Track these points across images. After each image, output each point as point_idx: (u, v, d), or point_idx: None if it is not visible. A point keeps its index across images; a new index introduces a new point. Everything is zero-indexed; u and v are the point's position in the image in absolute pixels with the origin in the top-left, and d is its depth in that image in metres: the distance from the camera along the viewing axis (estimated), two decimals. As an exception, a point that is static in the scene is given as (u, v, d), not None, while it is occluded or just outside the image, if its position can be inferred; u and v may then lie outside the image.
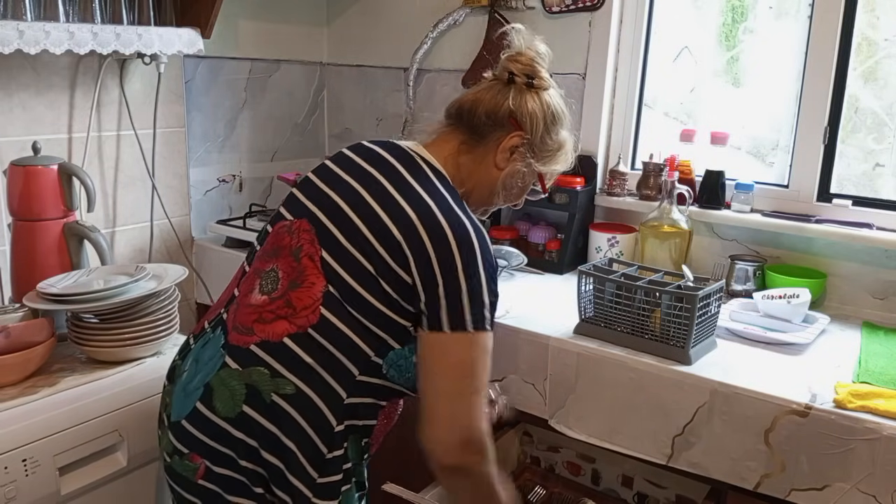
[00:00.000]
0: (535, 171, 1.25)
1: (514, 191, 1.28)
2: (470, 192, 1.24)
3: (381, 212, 1.11)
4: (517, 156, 1.22)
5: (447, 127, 1.25)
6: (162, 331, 1.56)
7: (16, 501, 1.28)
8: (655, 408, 1.38)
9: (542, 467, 1.69)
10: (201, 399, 1.12)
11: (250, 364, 1.10)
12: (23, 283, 1.59)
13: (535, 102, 1.22)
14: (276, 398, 1.08)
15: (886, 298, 1.70)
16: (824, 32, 1.74)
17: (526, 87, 1.22)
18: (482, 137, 1.22)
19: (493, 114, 1.21)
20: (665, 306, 1.39)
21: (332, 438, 1.10)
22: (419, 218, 1.10)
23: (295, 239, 1.16)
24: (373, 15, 2.42)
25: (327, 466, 1.10)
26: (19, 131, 1.76)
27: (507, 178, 1.24)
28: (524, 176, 1.25)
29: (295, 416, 1.08)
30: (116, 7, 1.78)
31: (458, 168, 1.22)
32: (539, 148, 1.23)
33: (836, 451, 1.21)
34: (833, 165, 1.79)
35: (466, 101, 1.24)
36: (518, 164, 1.23)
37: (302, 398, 1.08)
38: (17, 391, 1.39)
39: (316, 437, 1.09)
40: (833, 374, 1.35)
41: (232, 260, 2.07)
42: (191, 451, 1.13)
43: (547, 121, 1.22)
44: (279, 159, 2.46)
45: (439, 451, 1.08)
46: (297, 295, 1.12)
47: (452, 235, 1.09)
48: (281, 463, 1.10)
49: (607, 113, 2.05)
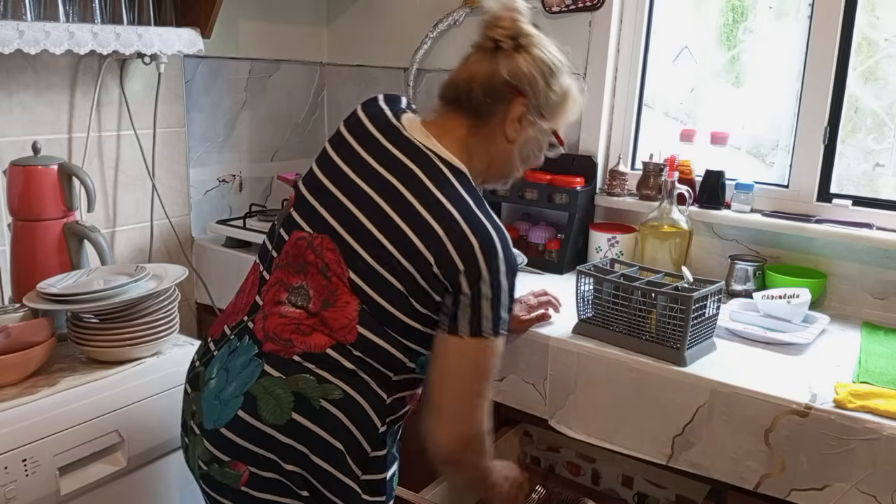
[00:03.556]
0: (547, 130, 1.22)
1: (532, 156, 1.25)
2: (487, 172, 1.23)
3: (406, 228, 1.10)
4: (525, 123, 1.18)
5: (448, 112, 1.20)
6: (162, 331, 1.56)
7: (16, 501, 1.28)
8: (655, 408, 1.38)
9: (542, 467, 1.69)
10: (243, 407, 1.11)
11: (295, 372, 1.11)
12: (23, 283, 1.59)
13: (528, 62, 1.16)
14: (325, 403, 1.10)
15: (886, 298, 1.70)
16: (824, 32, 1.74)
17: (514, 50, 1.16)
18: (486, 117, 1.18)
19: (490, 89, 1.16)
20: (661, 307, 1.39)
21: (376, 438, 1.13)
22: (445, 232, 1.08)
23: (320, 258, 1.14)
24: (373, 15, 2.42)
25: (372, 464, 1.14)
26: (19, 131, 1.76)
27: (522, 148, 1.22)
28: (538, 139, 1.22)
29: (343, 419, 1.11)
30: (116, 7, 1.78)
31: (472, 157, 1.19)
32: (545, 106, 1.19)
33: (836, 451, 1.21)
34: (833, 165, 1.79)
35: (461, 81, 1.19)
36: (528, 130, 1.19)
37: (349, 401, 1.11)
38: (17, 391, 1.39)
39: (362, 437, 1.12)
40: (833, 374, 1.35)
41: (232, 260, 2.07)
42: (232, 458, 1.12)
43: (546, 76, 1.17)
44: (279, 159, 2.46)
45: (440, 444, 1.12)
46: (331, 315, 1.12)
47: (479, 247, 1.08)
48: (331, 466, 1.12)
49: (607, 113, 2.05)
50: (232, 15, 2.18)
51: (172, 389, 1.54)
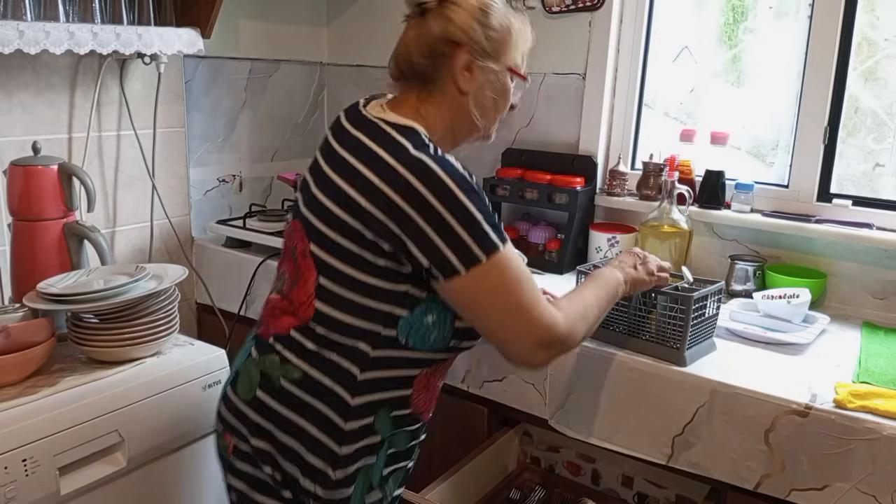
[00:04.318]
0: (501, 70, 1.19)
1: (491, 102, 1.21)
2: (454, 132, 1.21)
3: (352, 190, 1.09)
4: (475, 70, 1.16)
5: (400, 87, 1.21)
6: (162, 331, 1.56)
7: (16, 501, 1.28)
8: (655, 408, 1.38)
9: (542, 467, 1.69)
10: (230, 383, 1.23)
11: (265, 353, 1.17)
12: (23, 283, 1.59)
13: (457, 12, 1.16)
14: (285, 382, 1.14)
15: (886, 298, 1.70)
16: (824, 32, 1.74)
17: (440, 7, 1.16)
18: (434, 79, 1.17)
19: (428, 51, 1.16)
20: (661, 308, 1.39)
21: (347, 412, 1.12)
22: (375, 173, 1.07)
23: (292, 240, 1.19)
24: (373, 15, 2.42)
25: (348, 437, 1.12)
26: (19, 131, 1.76)
27: (478, 95, 1.18)
28: (493, 83, 1.19)
29: (305, 398, 1.13)
30: (116, 7, 1.78)
31: (427, 119, 1.17)
32: (489, 48, 1.16)
33: (836, 451, 1.21)
34: (833, 165, 1.79)
35: (399, 56, 1.20)
36: (479, 76, 1.17)
37: (310, 382, 1.12)
38: (17, 391, 1.39)
39: (331, 412, 1.12)
40: (833, 374, 1.35)
41: (232, 260, 2.07)
42: (224, 429, 1.23)
43: (479, 19, 1.15)
44: (279, 159, 2.46)
45: (531, 365, 1.12)
46: (295, 293, 1.16)
47: (410, 173, 1.05)
48: (296, 443, 1.13)
49: (607, 113, 2.05)
50: (232, 15, 2.18)
51: (172, 389, 1.54)
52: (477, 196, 1.07)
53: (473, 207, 1.05)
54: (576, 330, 1.13)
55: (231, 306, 2.09)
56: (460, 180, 1.06)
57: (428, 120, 1.17)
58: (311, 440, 1.12)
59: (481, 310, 1.08)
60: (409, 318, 1.11)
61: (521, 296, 1.07)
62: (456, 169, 1.07)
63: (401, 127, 1.13)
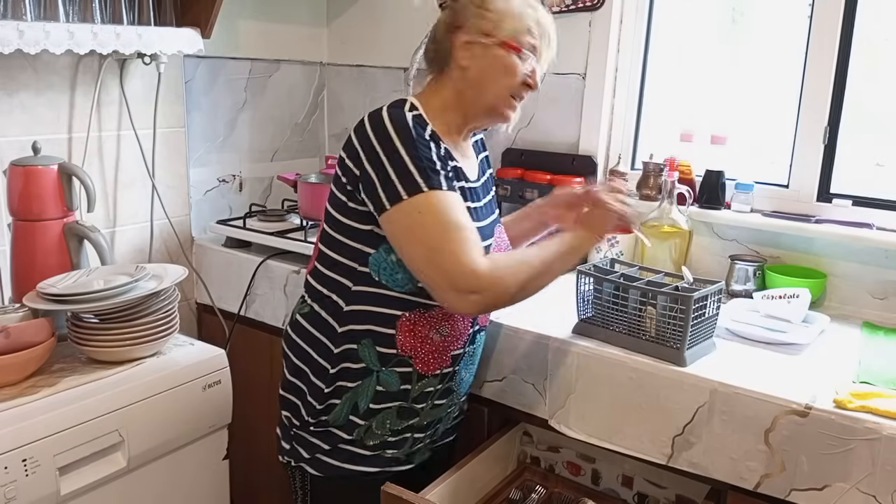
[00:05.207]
0: (499, 43, 1.28)
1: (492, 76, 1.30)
2: (462, 108, 1.33)
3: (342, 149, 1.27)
4: (474, 46, 1.29)
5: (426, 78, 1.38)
6: (162, 331, 1.56)
7: (16, 501, 1.28)
8: (655, 408, 1.38)
9: (542, 467, 1.69)
10: None
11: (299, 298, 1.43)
12: (23, 283, 1.59)
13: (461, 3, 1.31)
14: (298, 316, 1.39)
15: (886, 298, 1.70)
16: (824, 32, 1.74)
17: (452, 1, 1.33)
18: (442, 61, 1.33)
19: (435, 38, 1.34)
20: (661, 307, 1.39)
21: (335, 337, 1.32)
22: (353, 130, 1.25)
23: None
24: (373, 15, 2.42)
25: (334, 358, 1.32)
26: (19, 131, 1.76)
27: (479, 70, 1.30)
28: (493, 57, 1.29)
29: (308, 327, 1.36)
30: (116, 7, 1.78)
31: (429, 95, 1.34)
32: (483, 26, 1.29)
33: (836, 451, 1.21)
34: (833, 165, 1.79)
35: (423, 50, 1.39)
36: (477, 52, 1.29)
37: (313, 314, 1.35)
38: (17, 391, 1.39)
39: (324, 338, 1.33)
40: (833, 374, 1.35)
41: (232, 260, 2.07)
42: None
43: (475, 4, 1.30)
44: (279, 159, 2.46)
45: (457, 306, 1.21)
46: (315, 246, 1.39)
47: (368, 124, 1.22)
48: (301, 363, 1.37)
49: (607, 113, 2.05)
50: (232, 15, 2.18)
51: (172, 389, 1.55)
52: (413, 144, 1.20)
53: (404, 152, 1.19)
54: (503, 279, 1.20)
55: (231, 306, 2.09)
56: (400, 129, 1.20)
57: (429, 96, 1.34)
58: (311, 359, 1.35)
59: (404, 247, 1.21)
60: (376, 255, 1.27)
61: (439, 238, 1.18)
62: (404, 122, 1.21)
63: (396, 100, 1.30)
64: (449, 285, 1.18)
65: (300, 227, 2.07)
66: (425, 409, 1.37)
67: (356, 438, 1.34)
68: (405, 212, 1.18)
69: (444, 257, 1.17)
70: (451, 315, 1.32)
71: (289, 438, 1.39)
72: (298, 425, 1.37)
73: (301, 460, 1.38)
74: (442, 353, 1.34)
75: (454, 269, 1.16)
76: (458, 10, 1.31)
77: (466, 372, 1.43)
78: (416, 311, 1.29)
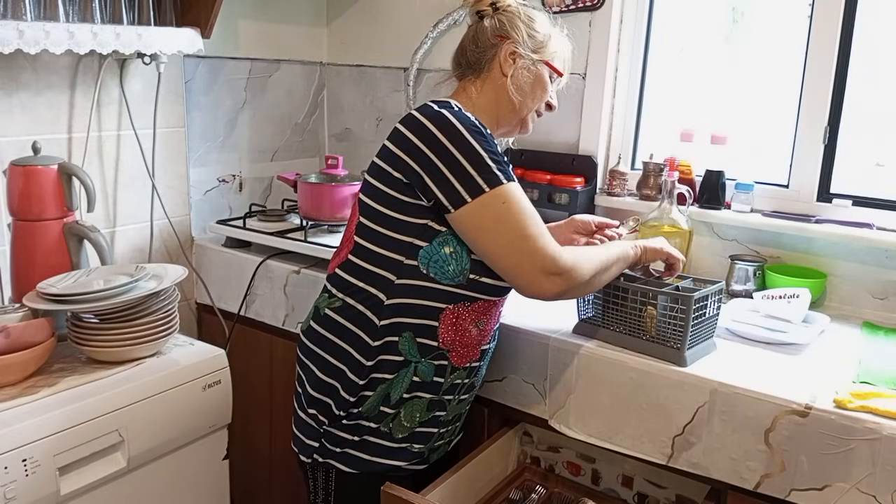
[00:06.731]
0: (539, 61, 1.38)
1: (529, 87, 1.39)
2: (496, 111, 1.39)
3: (390, 144, 1.29)
4: (517, 58, 1.37)
5: (459, 80, 1.44)
6: (162, 331, 1.56)
7: (16, 501, 1.28)
8: (655, 408, 1.38)
9: (542, 467, 1.69)
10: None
11: (321, 293, 1.41)
12: (23, 283, 1.59)
13: (508, 15, 1.39)
14: (328, 311, 1.36)
15: (886, 298, 1.70)
16: (824, 32, 1.74)
17: (494, 12, 1.40)
18: (481, 65, 1.39)
19: (479, 41, 1.39)
20: (661, 307, 1.39)
21: (374, 331, 1.31)
22: (406, 127, 1.27)
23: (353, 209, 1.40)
24: (373, 15, 2.43)
25: (372, 351, 1.31)
26: (19, 131, 1.76)
27: (518, 79, 1.37)
28: (531, 71, 1.38)
29: (342, 321, 1.33)
30: (116, 7, 1.78)
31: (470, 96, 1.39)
32: (531, 43, 1.38)
33: (836, 451, 1.21)
34: (833, 165, 1.79)
35: (456, 54, 1.44)
36: (520, 63, 1.37)
37: (347, 308, 1.33)
38: (17, 391, 1.39)
39: (362, 332, 1.32)
40: (833, 374, 1.35)
41: (232, 260, 2.07)
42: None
43: (526, 22, 1.38)
44: (279, 159, 2.46)
45: (541, 288, 1.24)
46: (343, 237, 1.39)
47: (430, 122, 1.24)
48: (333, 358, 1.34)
49: (607, 113, 2.05)
50: (232, 15, 2.18)
51: (172, 389, 1.54)
52: (485, 139, 1.24)
53: (479, 147, 1.22)
54: (580, 266, 1.26)
55: (231, 306, 2.09)
56: (469, 126, 1.24)
57: (471, 97, 1.40)
58: (345, 354, 1.33)
59: (487, 237, 1.23)
60: (428, 248, 1.27)
61: (524, 226, 1.23)
62: (468, 118, 1.25)
63: (441, 101, 1.32)
64: (538, 268, 1.22)
65: (300, 227, 2.07)
66: (452, 404, 1.39)
67: (385, 430, 1.34)
68: (488, 203, 1.21)
69: (532, 242, 1.22)
70: (489, 309, 1.35)
71: (317, 436, 1.38)
72: (327, 422, 1.36)
73: (328, 456, 1.37)
74: (475, 347, 1.37)
75: (543, 251, 1.22)
76: (507, 21, 1.38)
77: (485, 368, 1.46)
78: (460, 304, 1.31)
